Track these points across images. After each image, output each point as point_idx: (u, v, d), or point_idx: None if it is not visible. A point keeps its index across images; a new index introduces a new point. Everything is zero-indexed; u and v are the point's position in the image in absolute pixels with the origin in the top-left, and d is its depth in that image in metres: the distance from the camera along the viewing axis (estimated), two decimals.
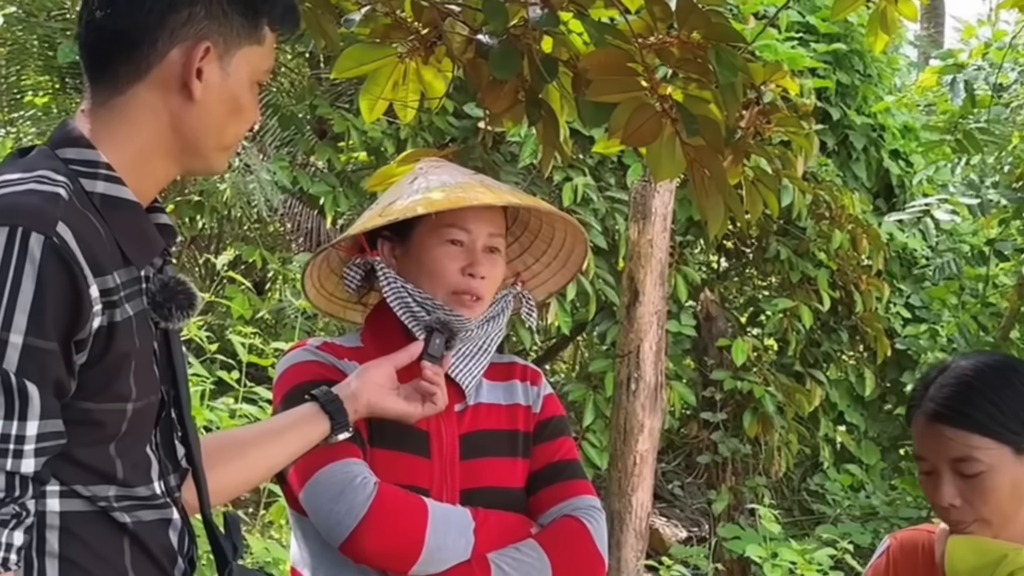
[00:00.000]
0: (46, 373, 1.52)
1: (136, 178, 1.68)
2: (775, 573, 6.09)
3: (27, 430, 1.50)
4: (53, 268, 1.51)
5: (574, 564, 2.20)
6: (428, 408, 2.14)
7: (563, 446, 2.31)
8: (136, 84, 1.69)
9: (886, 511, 9.05)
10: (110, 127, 1.68)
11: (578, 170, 7.47)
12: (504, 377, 2.33)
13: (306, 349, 2.25)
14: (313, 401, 2.07)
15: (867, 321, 8.39)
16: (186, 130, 1.71)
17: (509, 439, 2.27)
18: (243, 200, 7.86)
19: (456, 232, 2.23)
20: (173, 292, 1.71)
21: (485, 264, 2.23)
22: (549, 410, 2.33)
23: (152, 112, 1.69)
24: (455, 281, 2.22)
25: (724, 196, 2.47)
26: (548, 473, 2.27)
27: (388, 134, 7.79)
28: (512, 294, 2.36)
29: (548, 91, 2.71)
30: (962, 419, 2.06)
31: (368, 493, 2.06)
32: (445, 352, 2.17)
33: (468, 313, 2.22)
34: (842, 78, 8.65)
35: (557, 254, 2.45)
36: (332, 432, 2.06)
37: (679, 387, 7.90)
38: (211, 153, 1.74)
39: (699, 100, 2.42)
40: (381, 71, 2.87)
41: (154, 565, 1.67)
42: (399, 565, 2.09)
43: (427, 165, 2.38)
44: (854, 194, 8.31)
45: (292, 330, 6.24)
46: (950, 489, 2.07)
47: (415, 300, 2.23)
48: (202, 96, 1.69)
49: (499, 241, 2.27)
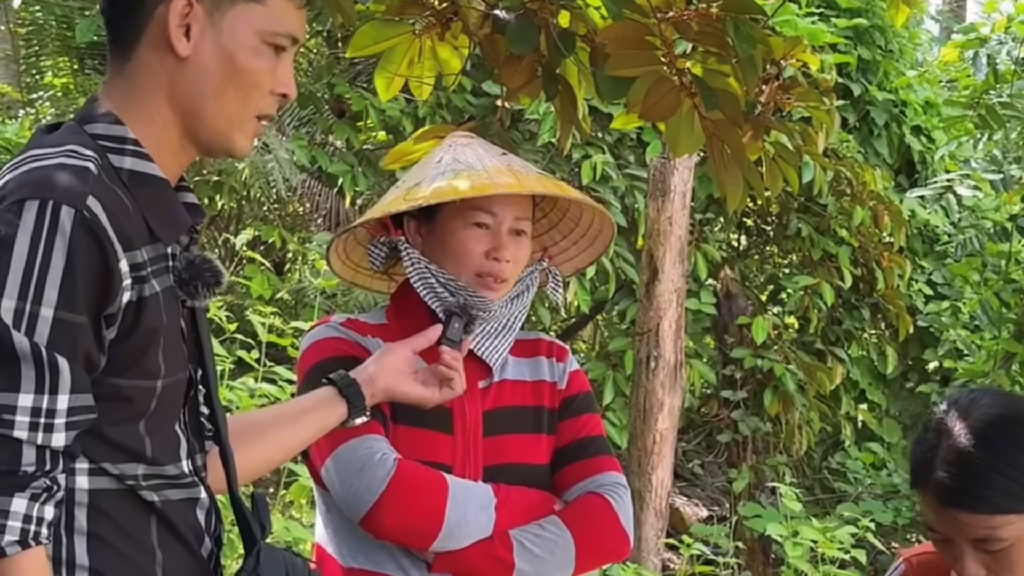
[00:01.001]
0: (76, 347, 1.51)
1: (156, 151, 1.67)
2: (796, 551, 6.06)
3: (57, 403, 1.50)
4: (83, 242, 1.51)
5: (598, 541, 2.19)
6: (446, 393, 2.13)
7: (589, 422, 2.30)
8: (137, 47, 1.67)
9: (908, 489, 9.02)
10: (127, 96, 1.67)
11: (597, 148, 7.44)
12: (530, 354, 2.32)
13: (329, 326, 2.25)
14: (331, 385, 2.06)
15: (889, 298, 8.34)
16: (183, 93, 1.67)
17: (534, 416, 2.26)
18: (262, 179, 7.86)
19: (482, 216, 2.21)
20: (199, 270, 1.70)
21: (510, 247, 2.22)
22: (575, 387, 2.32)
23: (153, 75, 1.67)
24: (479, 264, 2.21)
25: (743, 171, 2.44)
26: (573, 450, 2.26)
27: (406, 113, 7.77)
28: (538, 270, 2.35)
29: (566, 66, 2.68)
30: (978, 503, 1.88)
31: (388, 469, 2.05)
32: (464, 336, 2.16)
33: (491, 295, 2.21)
34: (863, 53, 8.58)
35: (585, 232, 2.43)
36: (349, 416, 2.06)
37: (699, 365, 7.88)
38: (215, 123, 1.69)
39: (718, 74, 2.39)
40: (397, 48, 2.85)
41: (181, 543, 1.67)
42: (419, 541, 2.08)
43: (455, 141, 2.35)
44: (875, 170, 8.25)
45: (311, 310, 6.23)
46: (973, 564, 1.91)
47: (439, 281, 2.22)
48: (192, 55, 1.66)
49: (525, 224, 2.25)
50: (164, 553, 1.64)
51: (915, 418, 9.32)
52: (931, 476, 1.93)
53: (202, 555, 1.71)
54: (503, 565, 2.10)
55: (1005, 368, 7.90)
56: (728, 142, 2.41)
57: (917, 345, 8.94)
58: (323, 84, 8.56)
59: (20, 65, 9.35)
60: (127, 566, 1.61)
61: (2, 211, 1.51)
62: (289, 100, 1.74)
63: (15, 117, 9.48)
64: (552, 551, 2.13)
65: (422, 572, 2.11)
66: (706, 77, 2.38)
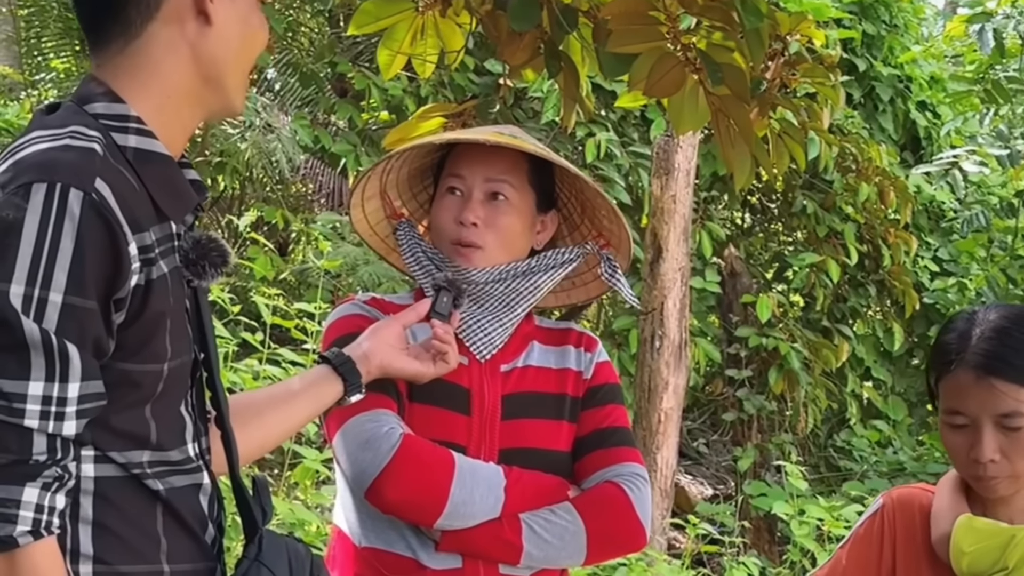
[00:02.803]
0: (86, 333, 1.49)
1: (164, 127, 1.65)
2: (802, 530, 6.05)
3: (68, 392, 1.48)
4: (93, 225, 1.48)
5: (611, 531, 2.15)
6: (440, 367, 2.11)
7: (612, 413, 2.25)
8: (150, 23, 1.64)
9: (913, 467, 9.01)
10: (131, 74, 1.65)
11: (601, 126, 7.42)
12: (559, 342, 2.28)
13: (354, 303, 2.24)
14: (326, 363, 2.05)
15: (895, 275, 8.33)
16: (207, 60, 1.67)
17: (555, 402, 2.22)
18: (264, 160, 7.84)
19: (452, 180, 2.20)
20: (206, 249, 1.68)
21: (478, 210, 2.17)
22: (601, 377, 2.27)
23: (171, 48, 1.65)
24: (450, 230, 2.19)
25: (751, 147, 2.41)
26: (594, 439, 2.22)
27: (409, 92, 7.75)
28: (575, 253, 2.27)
29: (568, 42, 2.65)
30: (1015, 372, 1.98)
31: (393, 442, 2.03)
32: (453, 310, 2.14)
33: (466, 263, 2.18)
34: (868, 28, 8.54)
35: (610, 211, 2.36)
36: (345, 393, 2.04)
37: (704, 344, 7.86)
38: (238, 83, 1.71)
39: (723, 49, 2.36)
40: (399, 26, 2.83)
41: (185, 531, 1.66)
42: (423, 516, 2.06)
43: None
44: (881, 146, 8.23)
45: (316, 291, 6.22)
46: (991, 444, 1.99)
47: (427, 256, 2.22)
48: (218, 18, 1.66)
49: (503, 187, 2.19)
50: (169, 541, 1.63)
51: (921, 395, 9.31)
52: (968, 347, 2.02)
53: (206, 542, 1.69)
54: (511, 548, 2.08)
55: None
56: (735, 118, 2.38)
57: (923, 322, 8.92)
58: (325, 63, 8.53)
59: (22, 47, 9.32)
60: (132, 554, 1.59)
61: (8, 194, 1.48)
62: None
63: (17, 99, 9.46)
64: (562, 537, 2.10)
65: (430, 552, 2.09)
66: (711, 52, 2.35)
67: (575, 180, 2.27)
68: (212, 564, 1.69)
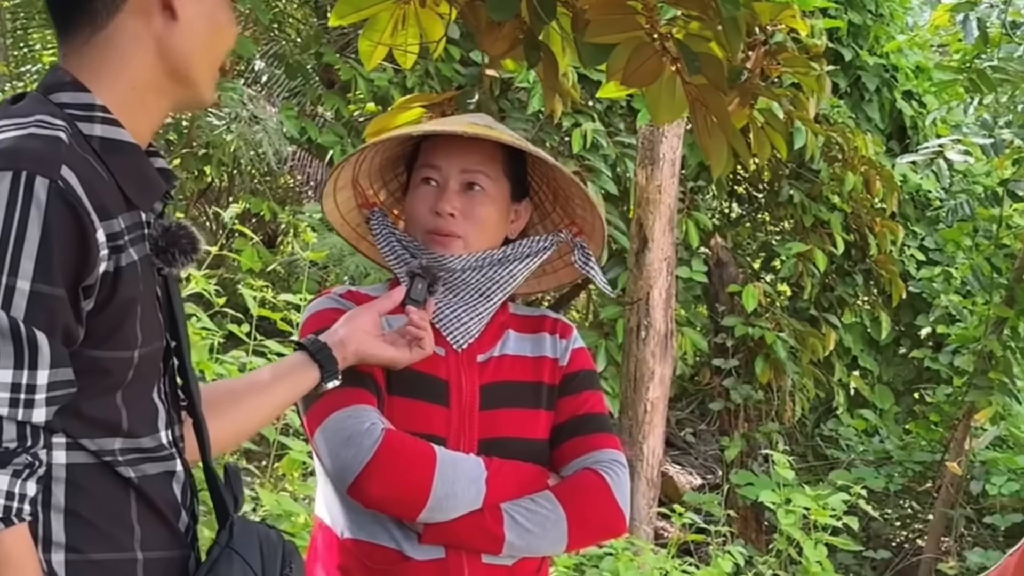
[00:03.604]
0: (54, 320, 1.49)
1: (130, 118, 1.65)
2: (788, 519, 6.07)
3: (37, 379, 1.48)
4: (59, 212, 1.48)
5: (591, 517, 2.16)
6: (416, 353, 2.12)
7: (589, 399, 2.26)
8: (116, 15, 1.65)
9: (900, 455, 9.05)
10: (96, 66, 1.65)
11: (587, 116, 7.41)
12: (533, 330, 2.29)
13: (330, 297, 2.25)
14: (302, 350, 2.05)
15: (882, 264, 8.34)
16: (173, 54, 1.67)
17: (532, 391, 2.23)
18: (251, 151, 7.83)
19: (427, 170, 2.20)
20: (176, 236, 1.68)
21: (455, 200, 2.18)
22: (577, 363, 2.28)
23: (137, 41, 1.65)
24: (426, 221, 2.20)
25: (728, 137, 2.41)
26: (572, 426, 2.23)
27: (395, 83, 7.74)
28: (549, 241, 2.29)
29: (548, 32, 2.65)
30: None
31: (375, 439, 2.04)
32: (428, 296, 2.14)
33: (442, 250, 2.18)
34: (853, 18, 8.55)
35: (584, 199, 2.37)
36: (322, 380, 2.04)
37: (691, 334, 7.87)
38: (205, 77, 1.71)
39: (701, 38, 2.36)
40: (380, 16, 2.83)
41: (159, 520, 1.66)
42: (406, 511, 2.07)
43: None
44: (867, 136, 8.24)
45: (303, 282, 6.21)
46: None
47: (401, 244, 2.22)
48: (185, 13, 1.66)
49: (478, 177, 2.20)
50: (142, 528, 1.63)
51: (907, 384, 9.34)
52: None
53: (179, 529, 1.70)
54: (493, 538, 2.09)
55: (996, 333, 7.90)
56: (712, 108, 2.39)
57: (909, 311, 8.95)
58: (311, 54, 8.52)
59: (7, 39, 9.29)
60: (104, 542, 1.59)
61: None
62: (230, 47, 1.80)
63: (2, 91, 9.42)
64: (543, 526, 2.11)
65: (413, 543, 2.10)
66: (688, 42, 2.35)
67: (548, 168, 2.28)
68: (186, 552, 1.70)
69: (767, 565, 6.12)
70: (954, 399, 8.53)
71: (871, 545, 8.58)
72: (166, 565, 1.66)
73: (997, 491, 8.49)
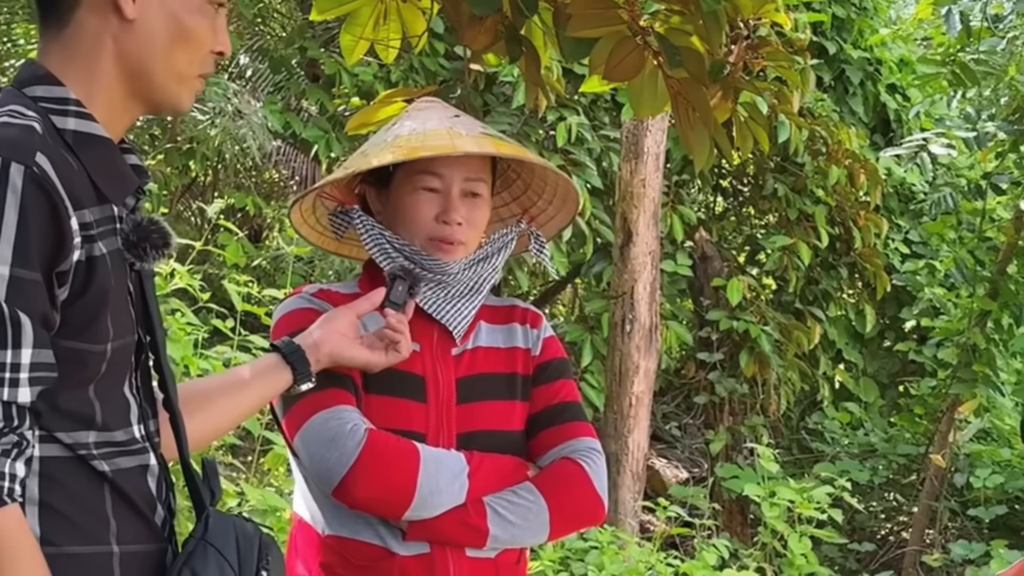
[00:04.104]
0: (33, 304, 1.49)
1: (100, 113, 1.65)
2: (773, 512, 6.09)
3: (21, 358, 1.48)
4: (34, 198, 1.49)
5: (572, 506, 2.18)
6: (392, 356, 2.12)
7: (563, 388, 2.28)
8: (76, 11, 1.65)
9: (884, 448, 9.08)
10: (64, 62, 1.65)
11: (571, 110, 7.41)
12: (504, 320, 2.30)
13: (301, 296, 2.24)
14: (276, 351, 2.05)
15: (866, 257, 8.36)
16: (130, 55, 1.66)
17: (507, 382, 2.25)
18: (235, 146, 7.81)
19: (429, 179, 2.19)
20: (147, 232, 1.67)
21: (461, 209, 2.19)
22: (549, 353, 2.30)
23: (96, 38, 1.65)
24: (430, 228, 2.19)
25: (710, 131, 2.42)
26: (547, 415, 2.25)
27: (379, 77, 7.72)
28: (515, 232, 2.32)
29: (529, 27, 2.66)
30: None
31: (358, 440, 2.04)
32: (409, 298, 2.14)
33: (446, 257, 2.20)
34: (837, 11, 8.57)
35: (556, 192, 2.40)
36: (295, 382, 2.04)
37: (676, 327, 7.89)
38: (165, 82, 1.68)
39: (682, 32, 2.37)
40: (361, 10, 2.84)
41: (135, 513, 1.66)
42: (392, 511, 2.08)
43: (416, 106, 2.33)
44: (851, 129, 8.25)
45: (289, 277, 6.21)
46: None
47: (393, 246, 2.21)
48: (138, 15, 1.65)
49: (478, 185, 2.22)
50: (118, 521, 1.62)
51: (892, 377, 9.36)
52: None
53: (156, 523, 1.70)
54: (477, 532, 2.10)
55: (980, 326, 7.93)
56: (693, 102, 2.39)
57: (894, 304, 8.97)
58: (295, 49, 8.50)
59: None
60: (80, 535, 1.59)
61: None
62: (224, 57, 1.75)
63: None
64: (526, 517, 2.13)
65: (398, 539, 2.11)
66: (670, 36, 2.36)
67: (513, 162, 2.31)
68: (163, 545, 1.69)
69: (752, 558, 6.14)
70: (938, 392, 8.56)
71: (855, 537, 8.61)
72: (143, 558, 1.66)
73: (981, 483, 8.53)
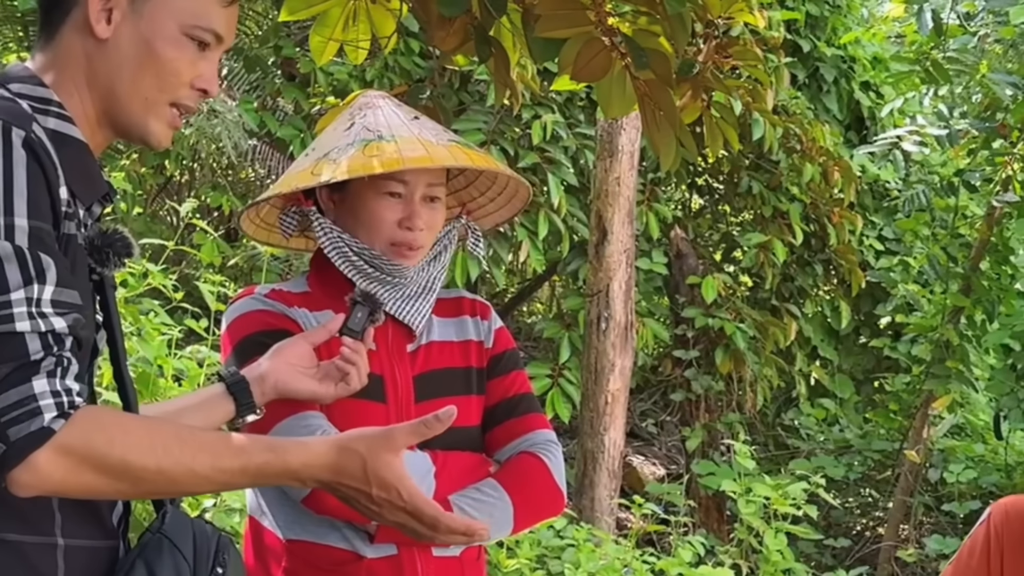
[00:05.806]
0: (53, 251, 1.54)
1: (78, 124, 1.67)
2: (749, 508, 6.11)
3: (46, 293, 1.52)
4: (34, 162, 1.54)
5: (535, 500, 2.21)
6: (342, 388, 2.09)
7: (516, 380, 2.30)
8: (63, 27, 1.69)
9: (859, 444, 9.13)
10: (50, 73, 1.69)
11: (547, 107, 7.41)
12: (454, 313, 2.31)
13: (254, 298, 2.22)
14: (220, 381, 2.05)
15: (841, 254, 8.40)
16: (100, 75, 1.69)
17: (463, 377, 2.26)
18: (211, 144, 7.79)
19: (393, 185, 2.20)
20: (111, 238, 1.70)
21: (424, 215, 2.21)
22: (501, 344, 2.32)
23: (74, 55, 1.69)
24: (392, 233, 2.20)
25: (676, 131, 2.43)
26: (503, 408, 2.27)
27: (354, 76, 7.70)
28: (456, 227, 2.34)
29: (499, 28, 2.66)
30: None
31: None
32: (368, 326, 2.11)
33: (406, 262, 2.20)
34: (811, 9, 8.60)
35: (502, 190, 2.42)
36: (237, 414, 2.03)
37: (652, 325, 7.90)
38: (129, 104, 1.70)
39: (648, 33, 2.38)
40: (331, 11, 2.83)
41: (85, 508, 1.64)
42: (362, 516, 2.08)
43: (364, 103, 2.32)
44: (825, 126, 8.29)
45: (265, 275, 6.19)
46: None
47: (352, 250, 2.20)
48: (111, 39, 1.68)
49: (439, 190, 2.24)
50: (64, 515, 1.61)
51: (867, 373, 9.41)
52: None
53: (109, 519, 1.69)
54: None
55: (953, 322, 7.97)
56: (659, 102, 2.40)
57: (869, 300, 9.01)
58: (271, 47, 8.48)
59: None
60: (22, 524, 1.58)
61: None
62: (209, 96, 1.76)
63: None
64: (492, 513, 2.13)
65: (366, 542, 2.11)
66: (636, 37, 2.36)
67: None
68: (114, 542, 1.70)
69: (728, 554, 6.16)
70: (912, 388, 8.60)
71: (831, 533, 8.65)
72: (91, 553, 1.66)
73: (955, 479, 8.58)
